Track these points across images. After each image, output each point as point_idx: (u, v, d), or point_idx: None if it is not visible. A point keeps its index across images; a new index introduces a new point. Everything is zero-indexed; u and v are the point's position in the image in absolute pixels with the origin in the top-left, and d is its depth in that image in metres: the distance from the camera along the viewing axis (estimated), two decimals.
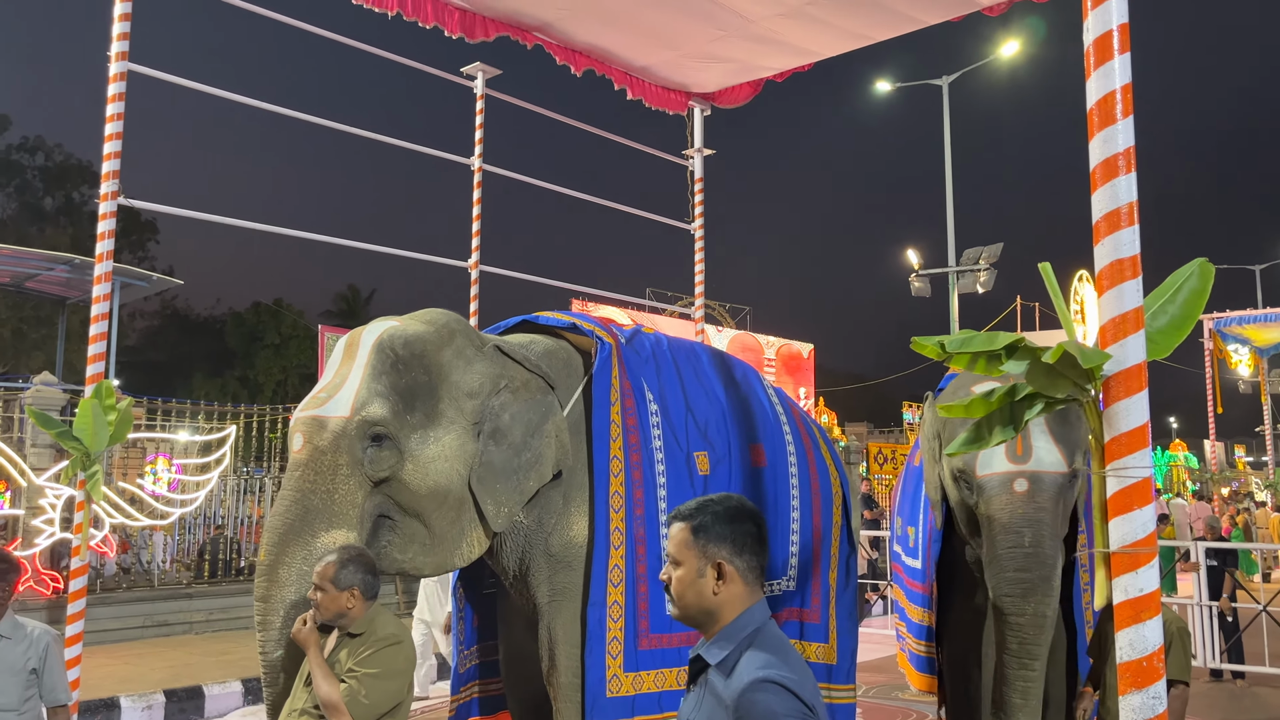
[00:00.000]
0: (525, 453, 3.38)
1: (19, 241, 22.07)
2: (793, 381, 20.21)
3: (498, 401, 3.38)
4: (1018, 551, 4.06)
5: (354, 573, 2.89)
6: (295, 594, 3.01)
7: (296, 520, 3.06)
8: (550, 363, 3.64)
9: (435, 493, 3.21)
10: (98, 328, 6.70)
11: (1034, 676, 4.08)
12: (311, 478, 3.10)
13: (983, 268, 17.67)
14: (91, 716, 6.63)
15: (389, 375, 3.21)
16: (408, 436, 3.20)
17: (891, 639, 10.03)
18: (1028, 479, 4.09)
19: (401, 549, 3.23)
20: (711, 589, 1.81)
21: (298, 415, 3.21)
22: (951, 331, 14.77)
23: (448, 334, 3.41)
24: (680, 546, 1.86)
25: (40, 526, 8.76)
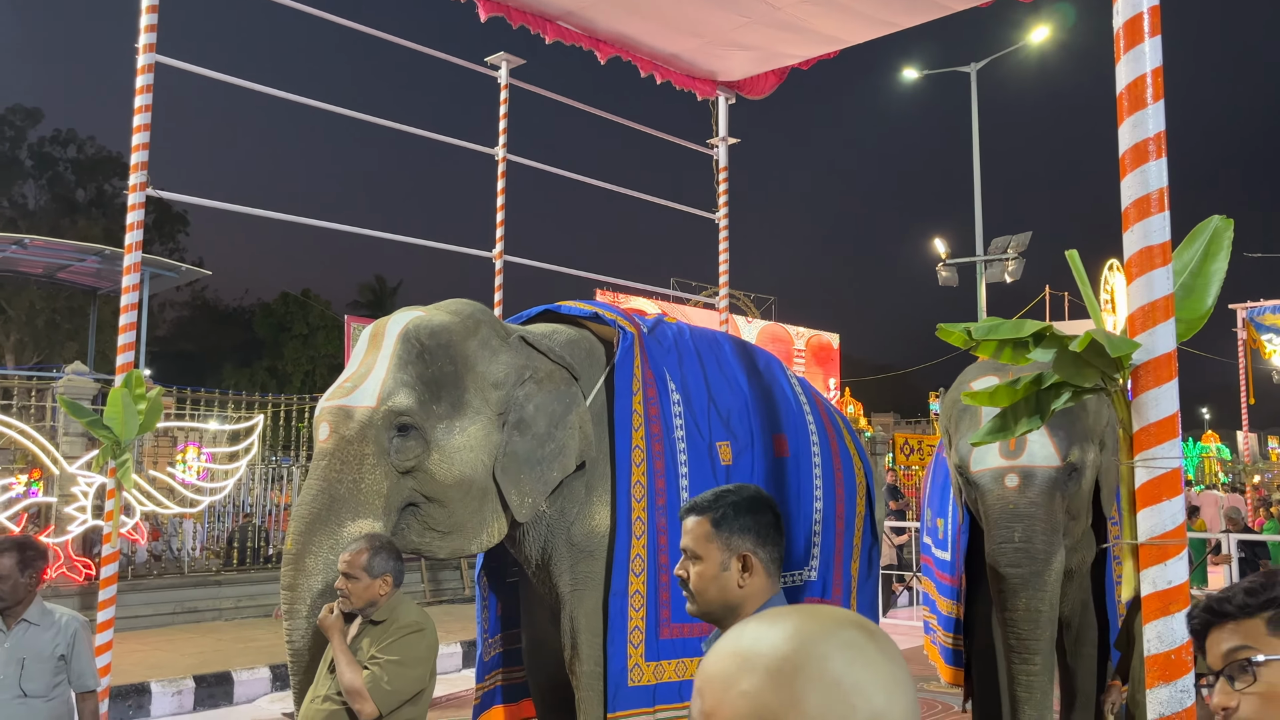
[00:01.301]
0: (549, 444, 3.38)
1: (52, 233, 22.37)
2: (822, 372, 20.11)
3: (522, 392, 3.39)
4: (1008, 547, 4.06)
5: (386, 560, 2.90)
6: (322, 582, 3.03)
7: (323, 509, 3.08)
8: (573, 352, 3.64)
9: (460, 482, 3.22)
10: (127, 318, 6.78)
11: (1035, 671, 4.07)
12: (338, 467, 3.11)
13: (1011, 257, 17.50)
14: (123, 702, 6.72)
15: (415, 365, 3.22)
16: (433, 426, 3.20)
17: (917, 630, 9.98)
18: (1019, 474, 4.07)
19: (419, 532, 3.26)
20: (736, 582, 1.78)
21: (323, 405, 3.23)
22: None
23: (473, 324, 3.42)
24: (700, 540, 1.81)
25: (73, 514, 8.89)
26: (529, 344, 3.51)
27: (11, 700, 3.11)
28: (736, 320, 18.36)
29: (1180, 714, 2.12)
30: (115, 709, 6.57)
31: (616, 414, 3.56)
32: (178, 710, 6.97)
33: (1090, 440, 4.20)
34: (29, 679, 3.14)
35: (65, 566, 8.87)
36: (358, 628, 2.94)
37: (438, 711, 6.88)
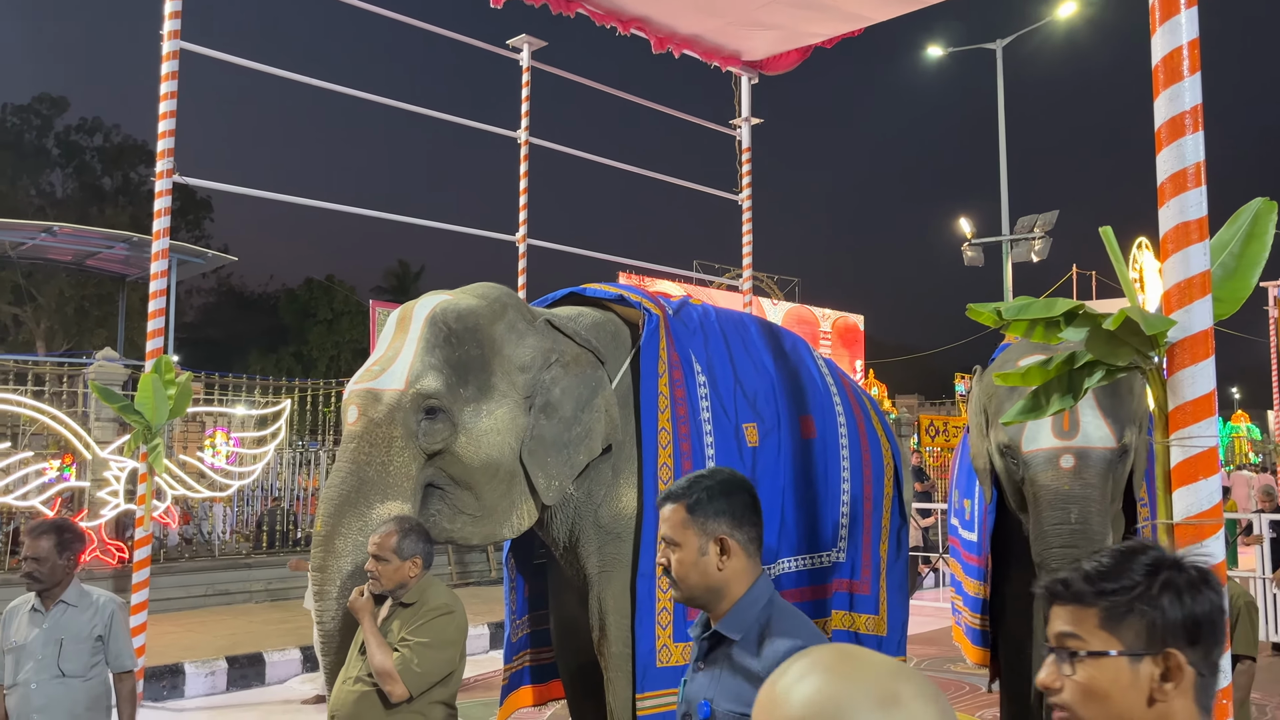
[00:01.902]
0: (575, 427, 3.39)
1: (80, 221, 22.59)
2: (849, 354, 20.01)
3: (549, 376, 3.39)
4: (1064, 529, 3.99)
5: (416, 542, 2.91)
6: (351, 564, 3.04)
7: (352, 491, 3.09)
8: (599, 335, 3.63)
9: (487, 465, 3.24)
10: (156, 304, 6.85)
11: None
12: (366, 449, 3.12)
13: (1038, 236, 17.31)
14: (157, 682, 6.83)
15: (442, 349, 3.23)
16: (460, 409, 3.22)
17: (944, 611, 9.96)
18: (1074, 455, 3.99)
19: (450, 518, 3.27)
20: (715, 565, 1.79)
21: (352, 388, 3.24)
22: None
23: (500, 308, 3.42)
24: (677, 527, 1.82)
25: (105, 498, 9.02)
26: (555, 327, 3.51)
27: (50, 680, 3.17)
28: (762, 303, 18.29)
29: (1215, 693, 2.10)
30: (150, 689, 6.67)
31: (643, 396, 3.55)
32: (211, 690, 7.07)
33: (1135, 422, 4.15)
34: (67, 659, 3.19)
35: (99, 550, 9.00)
36: (388, 610, 2.96)
37: (466, 693, 6.94)
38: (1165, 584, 1.14)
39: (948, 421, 19.11)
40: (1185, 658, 1.12)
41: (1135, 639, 1.13)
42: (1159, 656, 1.12)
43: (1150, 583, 1.15)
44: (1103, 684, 1.12)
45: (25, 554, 3.24)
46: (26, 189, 29.75)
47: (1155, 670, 1.12)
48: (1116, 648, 1.13)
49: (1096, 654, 1.13)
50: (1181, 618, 1.13)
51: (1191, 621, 1.13)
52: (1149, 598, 1.14)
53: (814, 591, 3.84)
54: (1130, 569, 1.16)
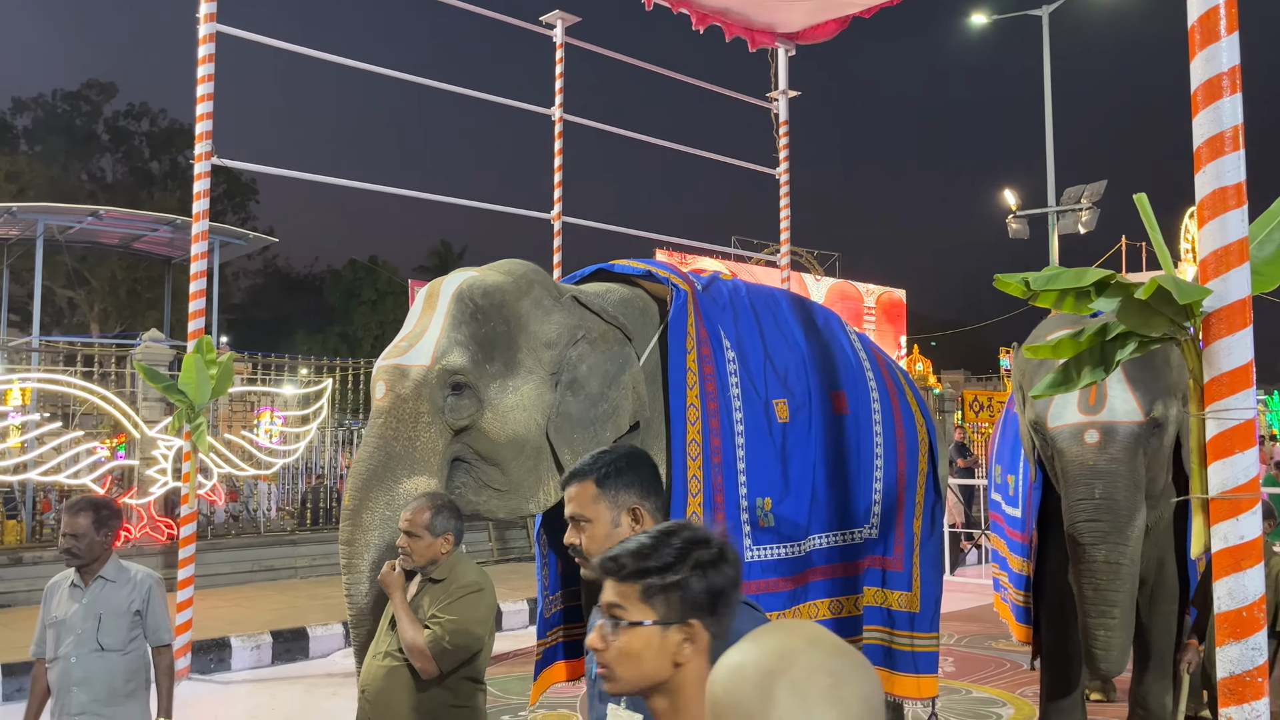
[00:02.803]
0: (602, 404, 3.38)
1: (129, 205, 22.97)
2: (894, 330, 19.74)
3: (575, 352, 3.39)
4: (1088, 504, 3.95)
5: (448, 519, 2.91)
6: (379, 538, 3.07)
7: (379, 466, 3.12)
8: (626, 311, 3.61)
9: (513, 441, 3.25)
10: (197, 285, 6.97)
11: (1113, 625, 3.95)
12: (394, 425, 3.15)
13: (1085, 207, 16.94)
14: (205, 656, 6.98)
15: (468, 325, 3.24)
16: (487, 385, 3.23)
17: (984, 588, 9.86)
18: (1099, 430, 3.93)
19: (476, 492, 3.29)
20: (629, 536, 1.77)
21: (380, 364, 3.27)
22: None
23: (525, 284, 3.43)
24: (587, 502, 1.79)
25: (154, 476, 9.21)
26: (581, 304, 3.49)
27: (89, 654, 3.24)
28: (805, 279, 18.10)
29: (1252, 671, 2.05)
30: (198, 662, 6.83)
31: (671, 372, 3.53)
32: (257, 664, 7.21)
33: (1172, 395, 4.05)
34: (106, 633, 3.26)
35: (149, 526, 9.21)
36: (417, 586, 2.95)
37: (505, 667, 7.02)
38: (694, 563, 1.34)
39: (992, 397, 18.85)
40: (704, 625, 1.33)
41: (667, 611, 1.33)
42: (684, 625, 1.33)
43: (681, 562, 1.34)
44: (637, 648, 1.32)
45: (63, 531, 3.30)
46: (77, 174, 30.35)
47: (679, 637, 1.33)
48: (651, 618, 1.32)
49: (635, 623, 1.33)
50: (704, 591, 1.33)
51: (711, 594, 1.34)
52: (679, 575, 1.34)
53: (845, 568, 3.80)
54: (666, 549, 1.35)
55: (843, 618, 3.74)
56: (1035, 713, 5.40)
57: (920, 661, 3.91)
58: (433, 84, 8.65)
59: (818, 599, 3.68)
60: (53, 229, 13.51)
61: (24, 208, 13.43)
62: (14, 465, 8.85)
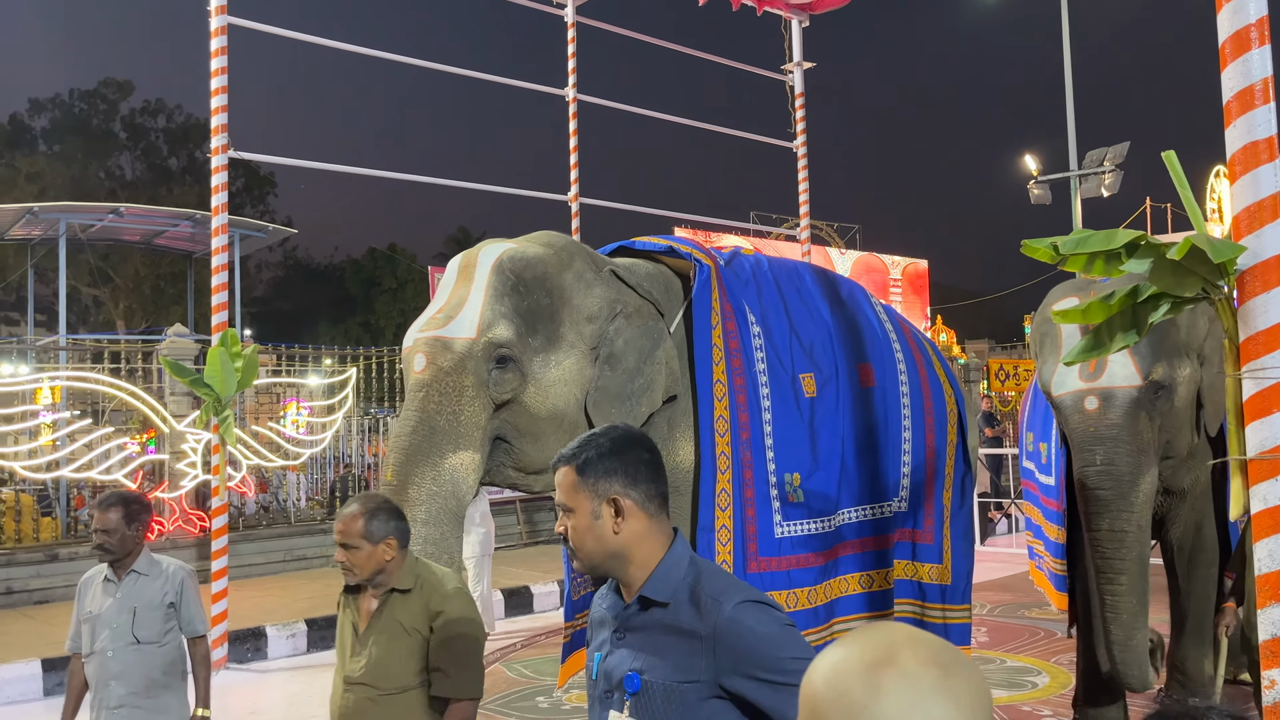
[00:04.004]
0: (638, 379, 3.34)
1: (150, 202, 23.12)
2: (920, 301, 19.57)
3: (613, 327, 3.35)
4: (1090, 470, 3.97)
5: (385, 522, 2.64)
6: (425, 513, 2.99)
7: (423, 440, 3.04)
8: (654, 287, 3.58)
9: (553, 416, 3.21)
10: (219, 278, 7.00)
11: (1121, 592, 3.97)
12: (436, 398, 3.07)
13: (1108, 169, 16.70)
14: (241, 645, 7.06)
15: (510, 297, 3.18)
16: (530, 359, 3.18)
17: (1016, 557, 9.81)
18: (1099, 396, 3.96)
19: (515, 467, 3.26)
20: (611, 529, 1.67)
21: (417, 336, 3.18)
22: None
23: (567, 256, 3.37)
24: (569, 491, 1.70)
25: (184, 470, 9.31)
26: (619, 277, 3.45)
27: (125, 647, 3.27)
28: (829, 253, 17.97)
29: None
30: (235, 651, 6.91)
31: (696, 348, 3.49)
32: (293, 652, 7.29)
33: (1183, 355, 4.03)
34: (140, 626, 3.29)
35: (181, 520, 9.31)
36: (380, 599, 2.67)
37: (536, 649, 7.06)
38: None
39: (1018, 365, 18.70)
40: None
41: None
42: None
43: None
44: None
45: (94, 526, 3.32)
46: (96, 172, 30.56)
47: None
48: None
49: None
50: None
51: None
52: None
53: (876, 542, 3.77)
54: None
55: (873, 592, 3.71)
56: (1071, 680, 5.38)
57: (953, 634, 3.88)
58: (445, 69, 8.62)
59: (848, 574, 3.65)
60: (74, 228, 13.62)
61: (45, 207, 13.54)
62: (46, 463, 8.97)
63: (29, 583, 8.54)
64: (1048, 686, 5.71)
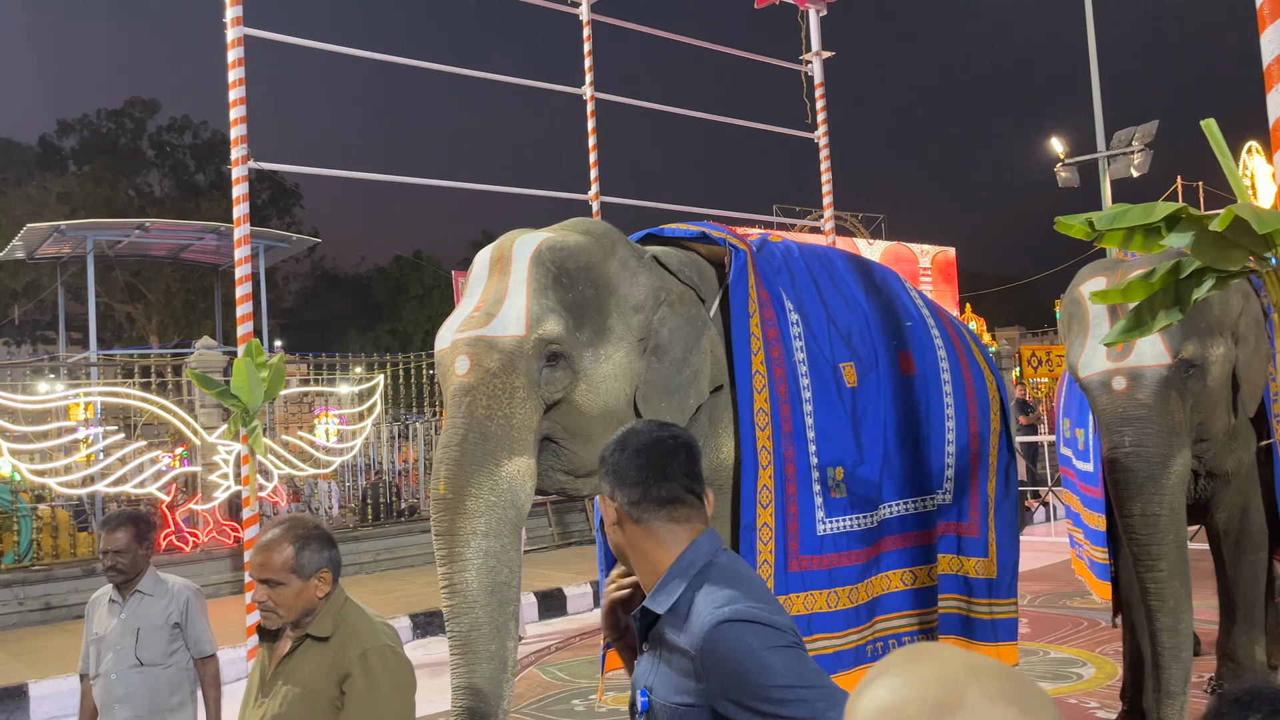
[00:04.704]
0: (685, 369, 3.20)
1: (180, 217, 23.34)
2: (950, 289, 19.36)
3: (657, 316, 3.19)
4: (1119, 452, 3.86)
5: (318, 550, 2.24)
6: (485, 524, 2.79)
7: (475, 448, 2.82)
8: (691, 274, 3.42)
9: (605, 413, 3.04)
10: (243, 289, 6.99)
11: (1162, 577, 3.85)
12: (485, 402, 2.87)
13: (1137, 149, 16.40)
14: None
15: (554, 290, 3.00)
16: (580, 355, 3.01)
17: (1055, 546, 9.65)
18: (1126, 376, 3.84)
19: (565, 471, 3.08)
20: (614, 532, 1.64)
21: (457, 337, 2.99)
22: None
23: (609, 244, 3.20)
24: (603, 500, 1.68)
25: (216, 481, 9.36)
26: (661, 263, 3.31)
27: (129, 670, 3.20)
28: (857, 244, 17.82)
29: None
30: None
31: (734, 338, 3.34)
32: None
33: (1215, 334, 3.91)
34: (144, 648, 3.22)
35: (215, 531, 9.36)
36: (290, 644, 2.26)
37: (571, 651, 7.01)
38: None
39: (1050, 351, 18.46)
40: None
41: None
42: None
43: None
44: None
45: (103, 548, 3.24)
46: (126, 191, 30.94)
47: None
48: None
49: None
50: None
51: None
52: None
53: (920, 536, 3.64)
54: None
55: (917, 589, 3.59)
56: (1118, 671, 5.26)
57: (1000, 629, 3.75)
58: (461, 71, 8.60)
59: (890, 570, 3.52)
60: (102, 244, 13.76)
61: (72, 225, 13.70)
62: (82, 478, 9.05)
63: (67, 598, 8.61)
64: (1094, 678, 5.59)
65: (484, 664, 2.68)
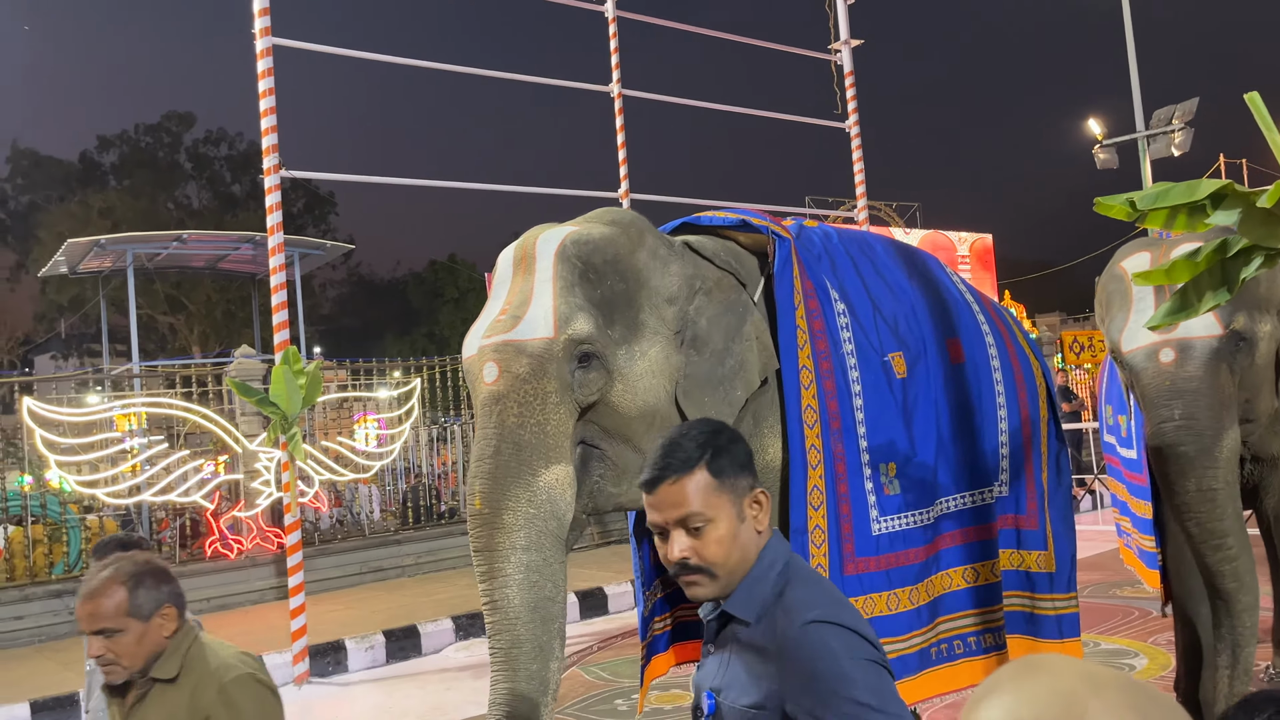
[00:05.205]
0: (728, 360, 3.04)
1: (217, 228, 23.70)
2: (989, 276, 19.09)
3: (693, 306, 3.04)
4: (1168, 426, 3.68)
5: (153, 587, 2.01)
6: (525, 539, 2.67)
7: (510, 459, 2.70)
8: (729, 260, 3.25)
9: (645, 413, 2.89)
10: (278, 297, 7.06)
11: (1232, 554, 3.67)
12: (517, 410, 2.74)
13: (1177, 128, 16.07)
14: (322, 659, 7.13)
15: (582, 286, 2.86)
16: (614, 353, 2.86)
17: (1102, 534, 9.47)
18: (1175, 347, 3.67)
19: (615, 481, 2.90)
20: (755, 530, 1.52)
21: (483, 343, 2.85)
22: None
23: (637, 234, 3.05)
24: (705, 496, 1.48)
25: (259, 488, 9.46)
26: (694, 250, 3.15)
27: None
28: (893, 233, 17.64)
29: None
30: (316, 666, 6.97)
31: (781, 331, 3.17)
32: (372, 664, 7.34)
33: (1263, 310, 3.77)
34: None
35: (259, 538, 9.46)
36: (136, 695, 2.04)
37: (613, 650, 7.00)
38: None
39: (1092, 336, 18.12)
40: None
41: None
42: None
43: None
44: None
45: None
46: (164, 203, 31.47)
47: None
48: None
49: None
50: None
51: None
52: None
53: (980, 531, 3.48)
54: None
55: (979, 586, 3.43)
56: (1170, 661, 5.15)
57: (1065, 625, 3.60)
58: (487, 73, 8.62)
59: (951, 568, 3.36)
60: (141, 257, 13.97)
61: (112, 239, 13.93)
62: (128, 488, 9.19)
63: None
64: (1146, 669, 5.47)
65: (523, 683, 2.59)
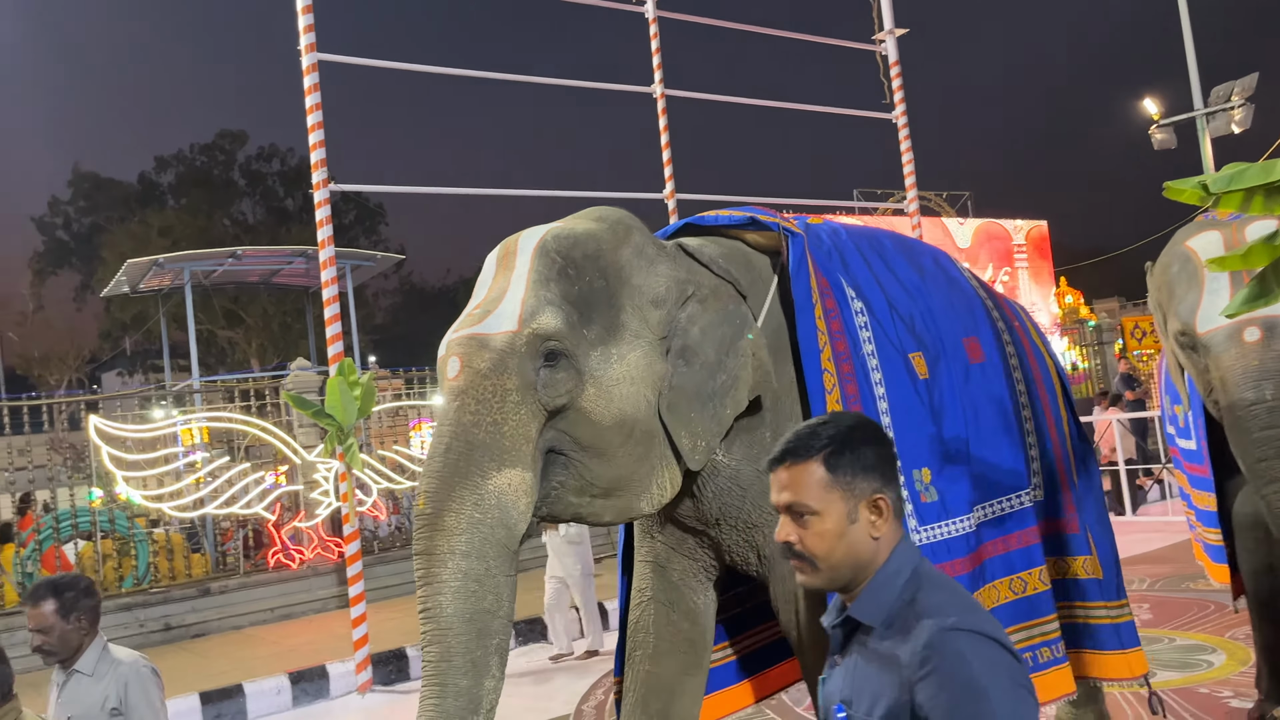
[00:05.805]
0: (720, 374, 2.83)
1: (272, 242, 24.10)
2: (1046, 265, 18.64)
3: (684, 314, 2.84)
4: (1260, 409, 3.47)
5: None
6: (466, 544, 2.47)
7: (460, 459, 2.52)
8: (731, 265, 3.04)
9: (621, 423, 2.68)
10: (331, 309, 7.14)
11: None
12: (473, 407, 2.55)
13: (1237, 104, 15.59)
14: (384, 668, 7.18)
15: (558, 282, 2.68)
16: (586, 354, 2.67)
17: (1171, 526, 9.23)
18: (1260, 326, 3.48)
19: (578, 491, 2.72)
20: (869, 534, 1.48)
21: (450, 338, 2.70)
22: None
23: (624, 231, 2.86)
24: (814, 489, 1.48)
25: (318, 499, 9.58)
26: (688, 253, 2.95)
27: None
28: (946, 224, 17.33)
29: None
30: (379, 674, 7.03)
31: (801, 335, 2.99)
32: None
33: None
34: None
35: (319, 548, 9.60)
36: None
37: None
38: None
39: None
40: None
41: None
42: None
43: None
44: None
45: (30, 625, 2.85)
46: (221, 220, 32.14)
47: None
48: None
49: None
50: None
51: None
52: None
53: (1020, 538, 3.27)
54: None
55: (1027, 597, 3.21)
56: (1250, 656, 4.97)
57: (1124, 634, 3.40)
58: (527, 79, 8.64)
59: (996, 579, 3.16)
60: (198, 274, 14.27)
61: (169, 258, 14.25)
62: (193, 501, 9.38)
63: (185, 618, 8.92)
64: (1225, 665, 5.30)
65: (450, 700, 2.37)
